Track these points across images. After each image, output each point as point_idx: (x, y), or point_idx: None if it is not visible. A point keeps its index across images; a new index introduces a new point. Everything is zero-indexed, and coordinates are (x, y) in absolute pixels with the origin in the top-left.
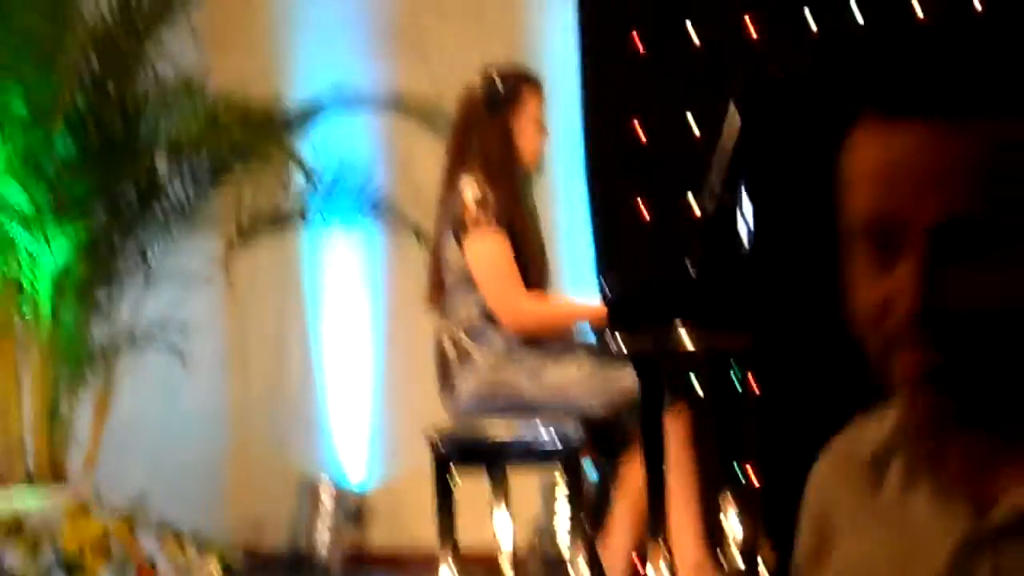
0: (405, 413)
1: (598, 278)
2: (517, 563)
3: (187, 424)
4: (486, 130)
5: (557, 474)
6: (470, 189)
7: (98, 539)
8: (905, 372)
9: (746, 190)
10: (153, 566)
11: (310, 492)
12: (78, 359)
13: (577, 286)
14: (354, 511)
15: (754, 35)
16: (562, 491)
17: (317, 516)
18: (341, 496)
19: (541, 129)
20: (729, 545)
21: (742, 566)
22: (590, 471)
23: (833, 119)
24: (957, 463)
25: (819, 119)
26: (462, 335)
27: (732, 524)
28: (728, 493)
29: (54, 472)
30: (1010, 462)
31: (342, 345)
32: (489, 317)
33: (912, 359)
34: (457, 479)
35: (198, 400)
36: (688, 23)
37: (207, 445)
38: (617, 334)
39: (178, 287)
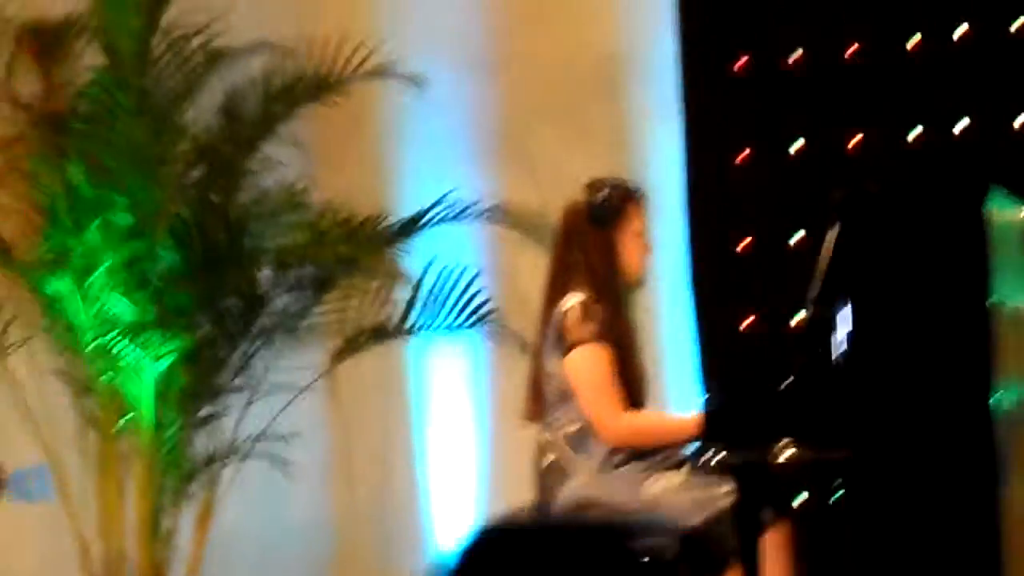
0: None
1: (701, 393)
2: None
3: (291, 535)
4: (590, 244)
5: None
6: (574, 302)
7: None
8: None
9: (844, 302)
10: None
11: None
12: (180, 470)
13: (681, 401)
14: None
15: (852, 147)
16: None
17: None
18: None
19: (645, 244)
20: None
21: None
22: None
23: (930, 229)
24: None
25: (916, 230)
26: (563, 447)
27: None
28: None
29: None
30: None
31: (447, 456)
32: (589, 431)
33: None
34: None
35: (302, 511)
36: (791, 138)
37: (312, 556)
38: (715, 447)
39: (282, 398)
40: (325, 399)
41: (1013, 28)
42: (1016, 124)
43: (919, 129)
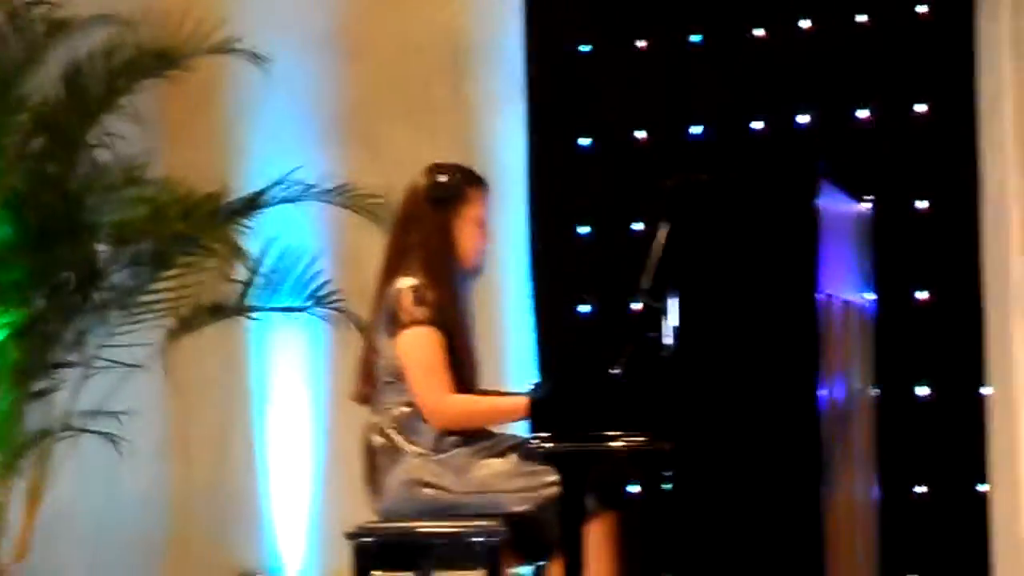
0: (345, 506)
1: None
2: None
3: (126, 513)
4: (427, 226)
5: None
6: (407, 284)
7: None
8: None
9: (672, 293)
10: None
11: None
12: (11, 445)
13: (518, 387)
14: None
15: (695, 137)
16: None
17: None
18: None
19: (483, 230)
20: None
21: None
22: (521, 573)
23: (759, 220)
24: None
25: (745, 221)
26: (392, 430)
27: None
28: None
29: None
30: None
31: (285, 436)
32: (418, 413)
33: None
34: None
35: (138, 489)
36: (632, 130)
37: (146, 534)
38: (542, 434)
39: (118, 375)
40: (163, 377)
41: (858, 21)
42: (857, 116)
43: (761, 121)
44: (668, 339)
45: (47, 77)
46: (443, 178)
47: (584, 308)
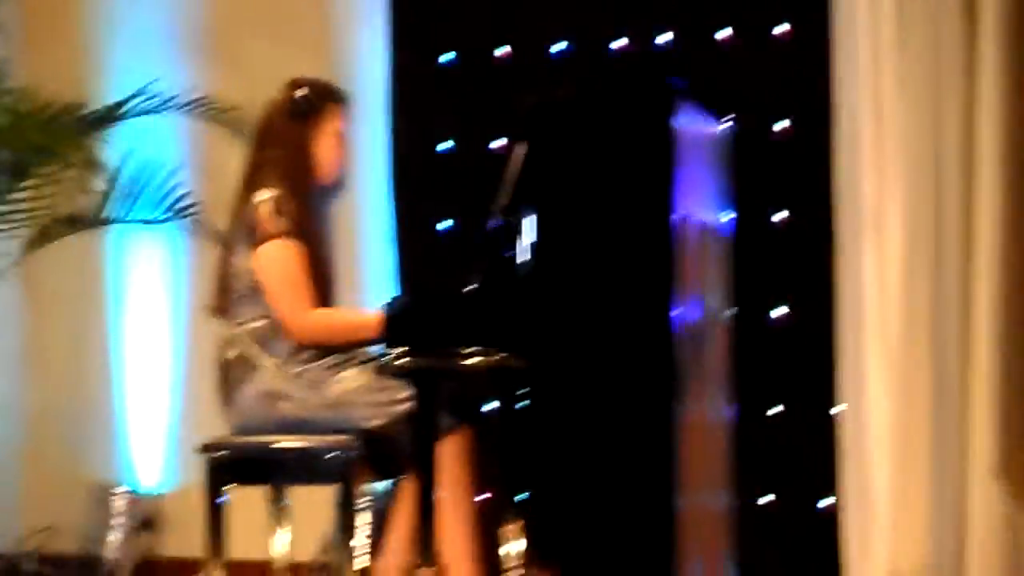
0: (203, 419)
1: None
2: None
3: None
4: (285, 140)
5: None
6: (266, 197)
7: None
8: None
9: (529, 211)
10: None
11: (103, 497)
12: None
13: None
14: (147, 518)
15: (557, 54)
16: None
17: (110, 520)
18: (134, 502)
19: (341, 144)
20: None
21: None
22: (375, 488)
23: (616, 139)
24: None
25: (602, 139)
26: (249, 342)
27: (511, 553)
28: (508, 522)
29: None
30: None
31: (142, 349)
32: (275, 327)
33: None
34: (227, 494)
35: None
36: (493, 47)
37: (0, 445)
38: (398, 350)
39: None
40: (19, 287)
41: None
42: (717, 37)
43: (623, 39)
44: (524, 256)
45: None
46: (301, 93)
47: (443, 225)
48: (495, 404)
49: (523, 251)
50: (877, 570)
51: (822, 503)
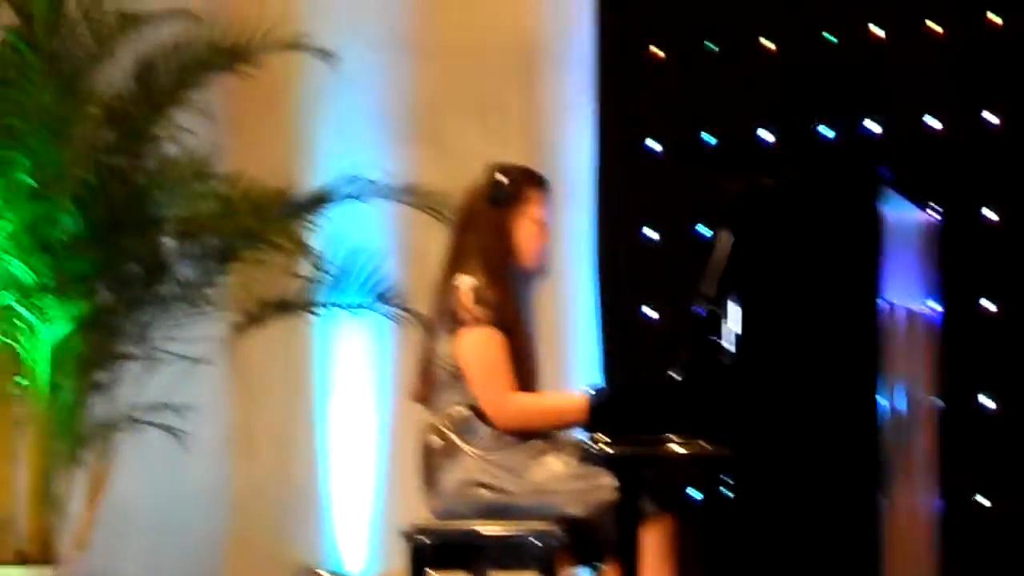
0: (407, 504)
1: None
2: None
3: (187, 508)
4: (485, 226)
5: None
6: (467, 283)
7: None
8: None
9: (734, 299)
10: None
11: None
12: (74, 436)
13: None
14: None
15: (763, 144)
16: None
17: None
18: None
19: (543, 230)
20: None
21: None
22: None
23: (822, 226)
24: None
25: (807, 226)
26: (449, 429)
27: None
28: None
29: (45, 553)
30: None
31: (348, 433)
32: (478, 412)
33: None
34: None
35: (200, 483)
36: (703, 132)
37: (207, 529)
38: (600, 437)
39: (182, 369)
40: (227, 372)
41: (930, 28)
42: (925, 125)
43: (829, 127)
44: (729, 344)
45: (118, 71)
46: (503, 178)
47: (648, 312)
48: (698, 493)
49: (728, 339)
50: None
51: None
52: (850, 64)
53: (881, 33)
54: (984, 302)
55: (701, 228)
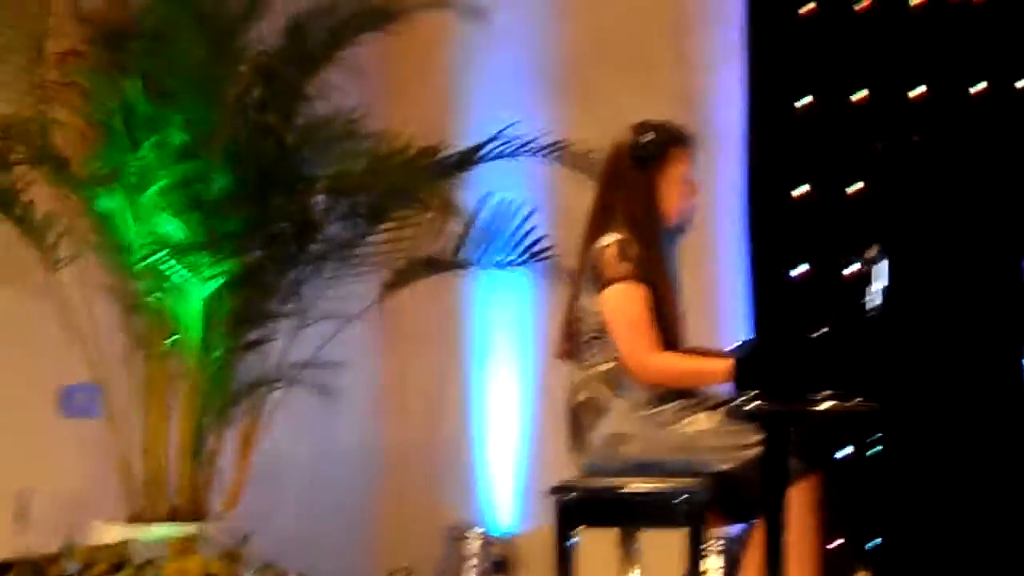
0: (556, 460)
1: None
2: None
3: (338, 465)
4: (630, 185)
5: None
6: (611, 241)
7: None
8: None
9: (882, 255)
10: None
11: (459, 538)
12: (226, 393)
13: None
14: (500, 559)
15: (915, 98)
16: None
17: (463, 562)
18: (488, 543)
19: (688, 188)
20: None
21: None
22: (727, 532)
23: (970, 184)
24: None
25: (956, 184)
26: (598, 385)
27: None
28: (858, 570)
29: (196, 509)
30: None
31: (498, 390)
32: (623, 368)
33: None
34: (577, 536)
35: (350, 440)
36: (851, 90)
37: (357, 486)
38: (749, 393)
39: (333, 327)
40: (377, 330)
41: None
42: None
43: (983, 83)
44: (876, 301)
45: (270, 29)
46: (647, 137)
47: (798, 269)
48: (847, 450)
49: (875, 295)
50: None
51: None
52: (1001, 20)
53: None
54: None
55: (851, 185)
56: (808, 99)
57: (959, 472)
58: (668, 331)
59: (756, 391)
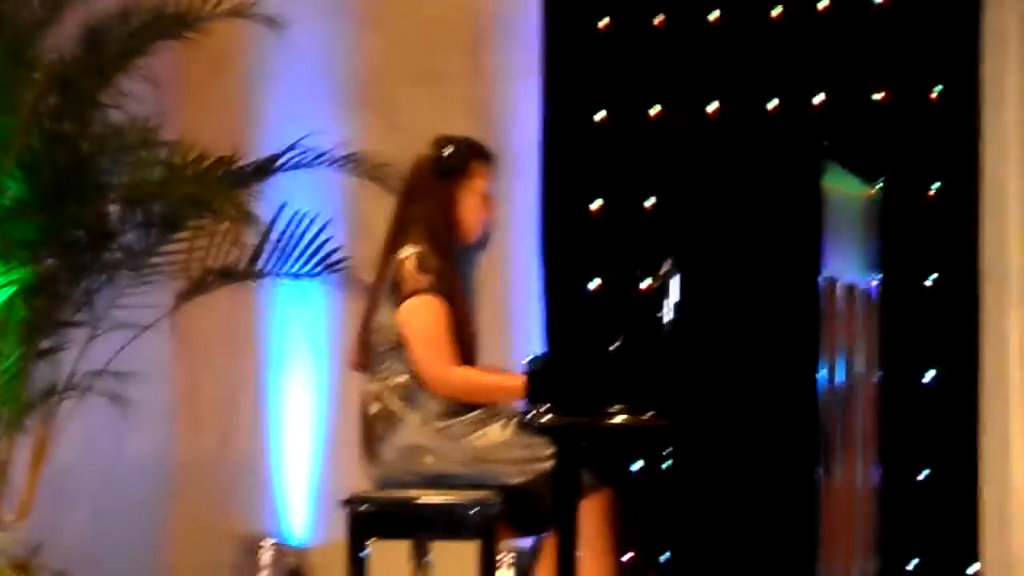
0: (351, 471)
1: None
2: None
3: (130, 475)
4: (431, 198)
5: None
6: (410, 253)
7: None
8: None
9: (675, 272)
10: None
11: (251, 548)
12: (17, 403)
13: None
14: (293, 570)
15: (711, 114)
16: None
17: (257, 572)
18: (281, 554)
19: (487, 203)
20: None
21: None
22: (518, 545)
23: (764, 200)
24: None
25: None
26: (392, 397)
27: None
28: None
29: None
30: None
31: (291, 401)
32: (419, 382)
33: None
34: (369, 548)
35: (143, 451)
36: (647, 106)
37: (149, 497)
38: (540, 407)
39: (126, 336)
40: (171, 340)
41: (875, 2)
42: (871, 99)
43: (776, 100)
44: (669, 316)
45: (64, 36)
46: (448, 151)
47: (593, 284)
48: (639, 464)
49: (669, 310)
50: None
51: (969, 570)
52: (796, 37)
53: (826, 5)
54: (924, 276)
55: (646, 200)
56: (604, 114)
57: (750, 486)
58: (464, 346)
59: (548, 404)
